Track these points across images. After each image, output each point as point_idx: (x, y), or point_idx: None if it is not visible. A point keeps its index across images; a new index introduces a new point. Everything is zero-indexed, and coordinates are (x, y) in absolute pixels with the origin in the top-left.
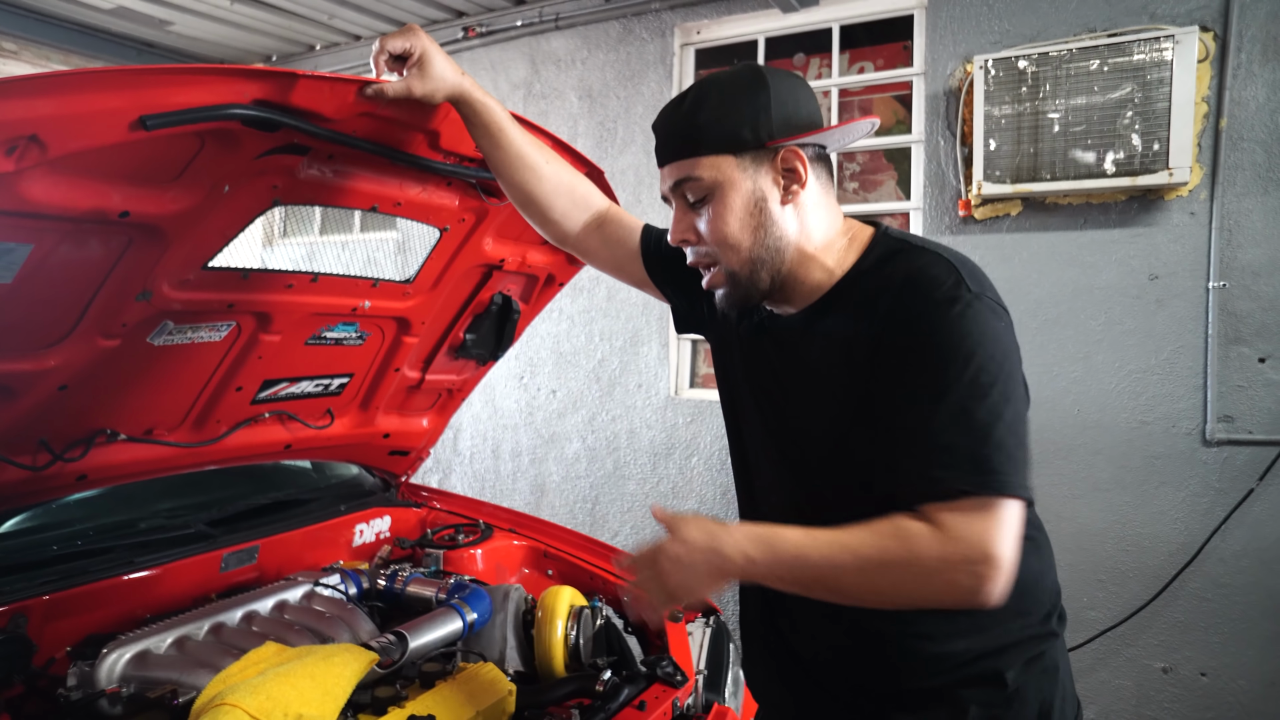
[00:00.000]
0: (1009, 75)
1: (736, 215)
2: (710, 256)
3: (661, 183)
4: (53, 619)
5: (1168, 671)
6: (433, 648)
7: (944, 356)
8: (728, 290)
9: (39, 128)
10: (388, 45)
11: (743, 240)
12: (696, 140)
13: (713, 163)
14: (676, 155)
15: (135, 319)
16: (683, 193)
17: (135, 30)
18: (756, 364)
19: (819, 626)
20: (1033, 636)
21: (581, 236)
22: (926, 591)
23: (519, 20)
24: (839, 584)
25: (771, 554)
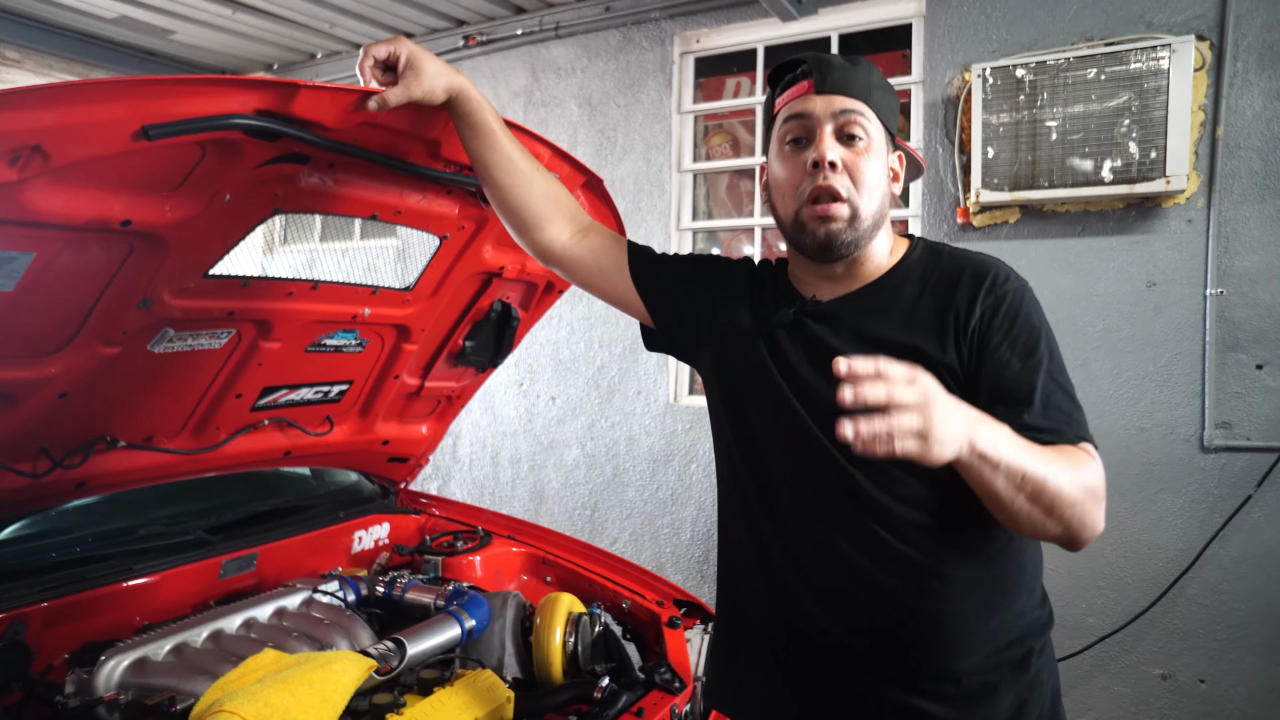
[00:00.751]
0: (1007, 84)
1: (881, 173)
2: (848, 190)
3: (805, 104)
4: (51, 626)
5: (1166, 678)
6: (431, 654)
7: (1035, 333)
8: (841, 228)
9: (42, 138)
10: (372, 52)
11: (879, 193)
12: (869, 95)
13: (877, 122)
14: (852, 93)
15: (136, 326)
16: (844, 124)
17: (137, 39)
18: (801, 350)
19: (846, 609)
20: (1044, 621)
21: (567, 245)
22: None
23: (519, 29)
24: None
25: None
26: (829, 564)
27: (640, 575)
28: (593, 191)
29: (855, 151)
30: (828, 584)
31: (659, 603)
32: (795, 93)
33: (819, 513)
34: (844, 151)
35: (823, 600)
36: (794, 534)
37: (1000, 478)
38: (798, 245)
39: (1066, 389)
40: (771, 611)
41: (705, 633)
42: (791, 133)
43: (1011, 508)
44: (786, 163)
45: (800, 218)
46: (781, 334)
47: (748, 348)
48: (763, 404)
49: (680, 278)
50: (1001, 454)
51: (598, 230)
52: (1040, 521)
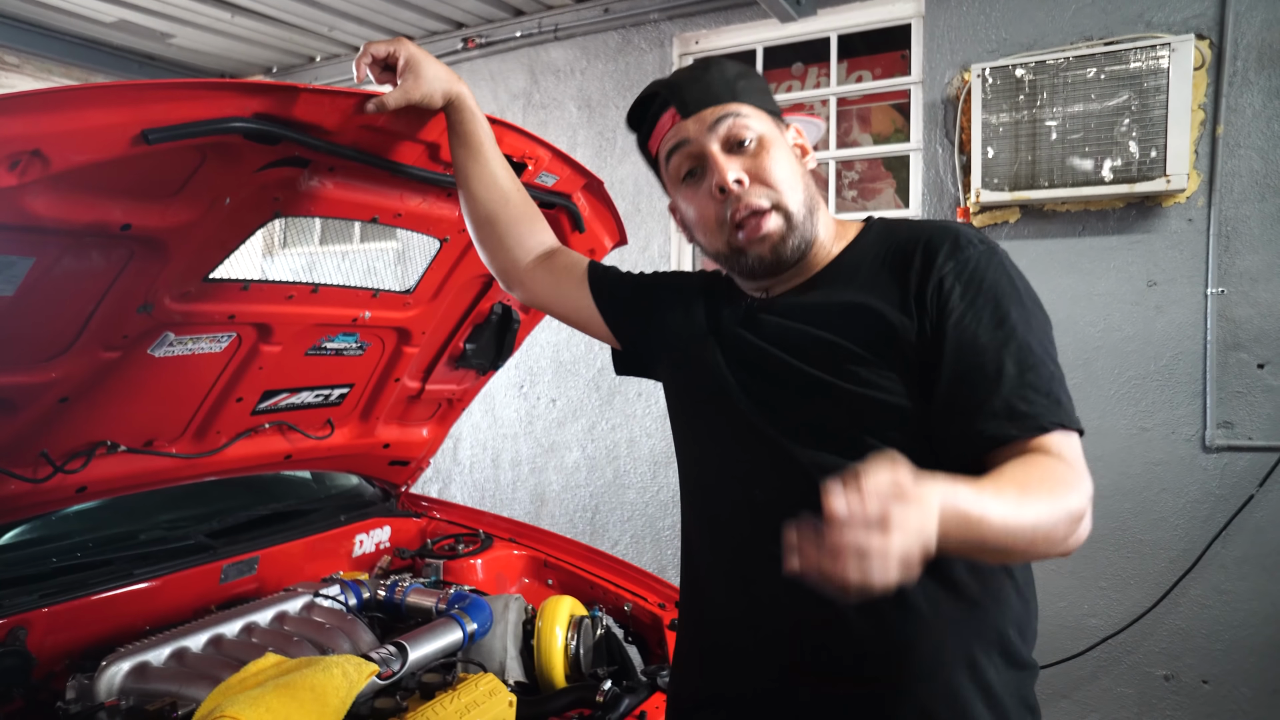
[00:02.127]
0: (1006, 83)
1: (789, 161)
2: (769, 198)
3: (679, 133)
4: (52, 632)
5: (1169, 679)
6: (433, 658)
7: (1004, 299)
8: (781, 238)
9: (42, 143)
10: (372, 50)
11: (798, 182)
12: (736, 91)
13: (756, 113)
14: (717, 99)
15: (136, 331)
16: (726, 133)
17: (136, 43)
18: (755, 346)
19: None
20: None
21: (531, 267)
22: (1072, 537)
23: (518, 31)
24: (1026, 541)
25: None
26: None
27: (642, 577)
28: (593, 194)
29: (751, 155)
30: (780, 604)
31: (661, 605)
32: (663, 126)
33: (770, 523)
34: (740, 161)
35: (774, 627)
36: (747, 553)
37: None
38: (744, 272)
39: (1046, 362)
40: (728, 640)
41: None
42: (682, 167)
43: (984, 561)
44: (693, 200)
45: (735, 246)
46: (733, 332)
47: (699, 354)
48: (714, 411)
49: (639, 288)
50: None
51: (563, 252)
52: (1018, 559)
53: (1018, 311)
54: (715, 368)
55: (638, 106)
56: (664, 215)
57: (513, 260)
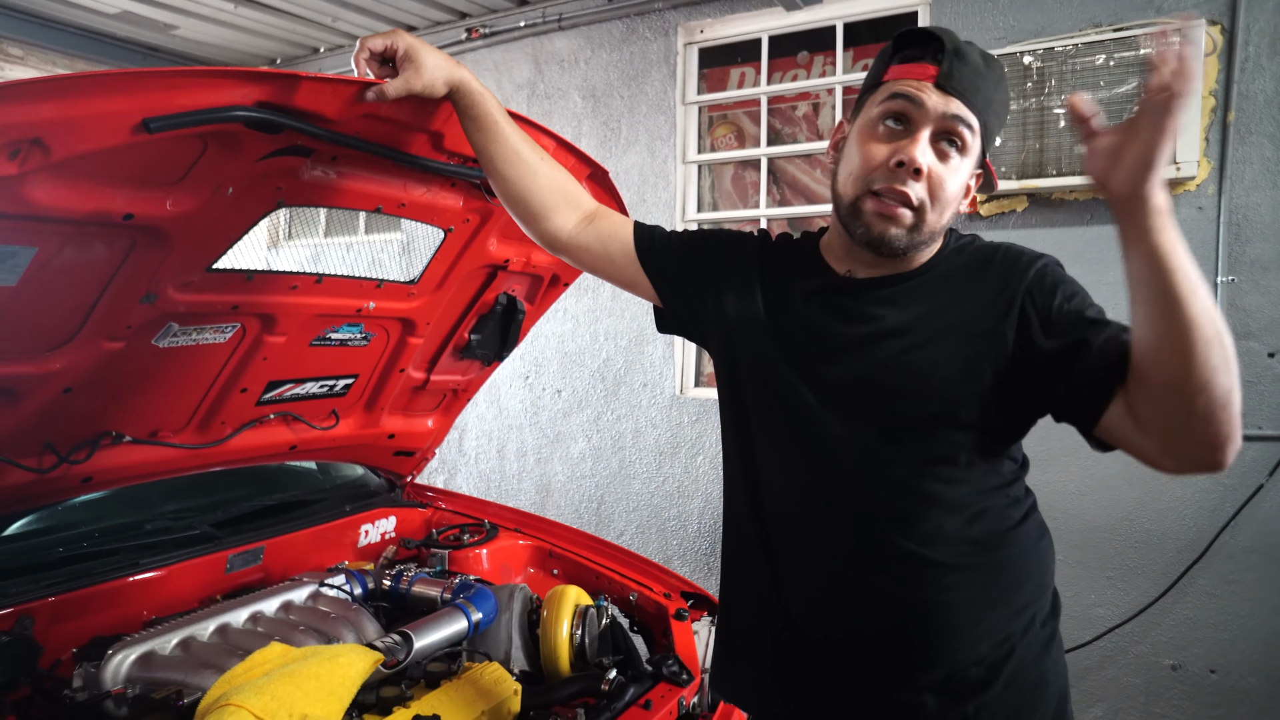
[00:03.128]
0: (1014, 71)
1: (960, 185)
2: (919, 198)
3: (919, 91)
4: (59, 621)
5: (1176, 669)
6: (438, 648)
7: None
8: (901, 233)
9: (42, 131)
10: (369, 44)
11: (951, 210)
12: (987, 108)
13: (977, 139)
14: (973, 103)
15: (140, 321)
16: (948, 129)
17: (139, 34)
18: (819, 326)
19: (839, 602)
20: (1048, 614)
21: (575, 234)
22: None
23: (522, 21)
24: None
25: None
26: (817, 556)
27: (647, 567)
28: (598, 184)
29: (944, 161)
30: (820, 577)
31: (666, 595)
32: (914, 72)
33: (808, 500)
34: (933, 159)
35: (816, 593)
36: (788, 526)
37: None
38: (848, 229)
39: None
40: (768, 606)
41: (712, 625)
42: (891, 110)
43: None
44: (871, 141)
45: (860, 205)
46: (801, 305)
47: (755, 325)
48: (764, 384)
49: (690, 259)
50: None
51: (604, 215)
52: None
53: (1087, 297)
54: (770, 345)
55: (916, 34)
56: (669, 205)
57: (554, 230)
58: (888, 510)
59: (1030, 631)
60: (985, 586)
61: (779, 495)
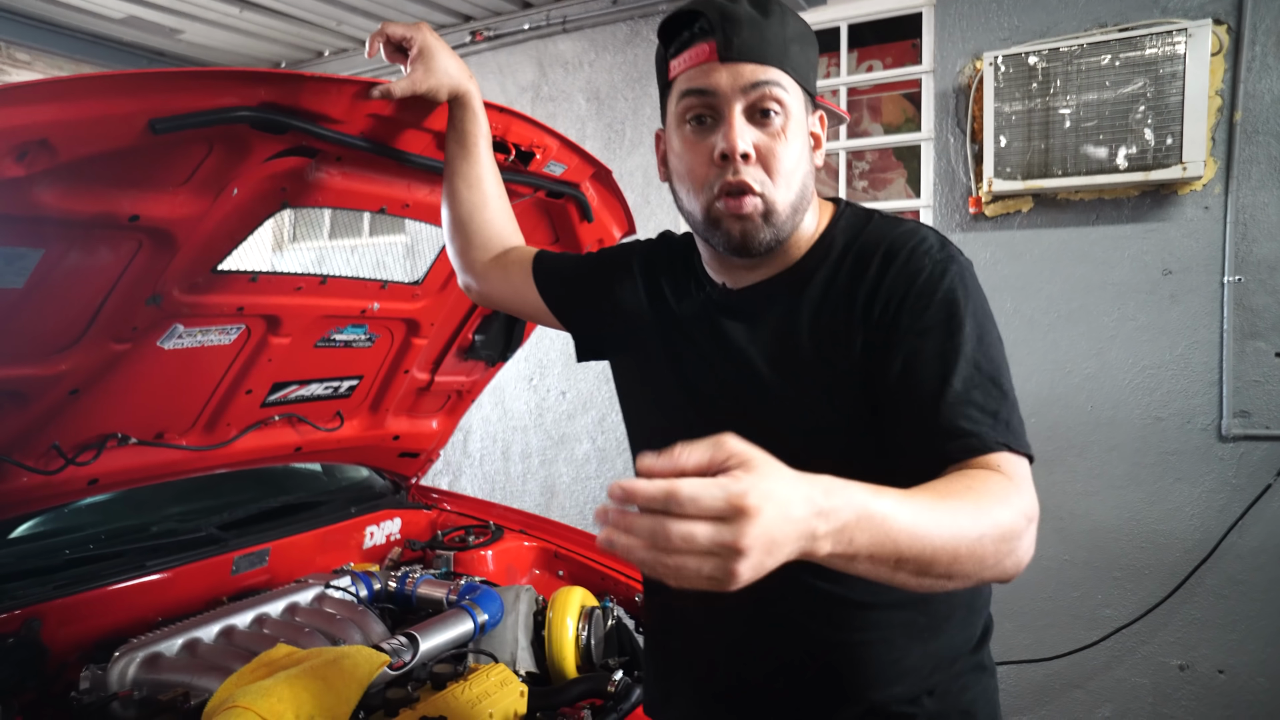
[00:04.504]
0: (1019, 71)
1: (799, 149)
2: (760, 183)
3: (707, 76)
4: (65, 623)
5: (1185, 669)
6: (444, 649)
7: (957, 315)
8: (756, 225)
9: (49, 132)
10: (389, 30)
11: (797, 180)
12: (784, 56)
13: (795, 90)
14: (765, 58)
15: (145, 323)
16: (757, 99)
17: (146, 39)
18: (707, 349)
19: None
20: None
21: (487, 265)
22: (1010, 560)
23: (526, 24)
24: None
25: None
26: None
27: None
28: (601, 183)
29: (770, 133)
30: (728, 619)
31: None
32: (694, 58)
33: None
34: (755, 134)
35: (730, 634)
36: None
37: (862, 566)
38: (710, 243)
39: (996, 381)
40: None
41: None
42: (692, 110)
43: (895, 584)
44: (689, 149)
45: (712, 214)
46: (688, 329)
47: (646, 344)
48: (661, 408)
49: (582, 278)
50: (858, 545)
51: (518, 249)
52: (935, 587)
53: (969, 328)
54: (660, 359)
55: (677, 18)
56: (673, 207)
57: (471, 259)
58: None
59: (957, 662)
60: (907, 622)
61: None
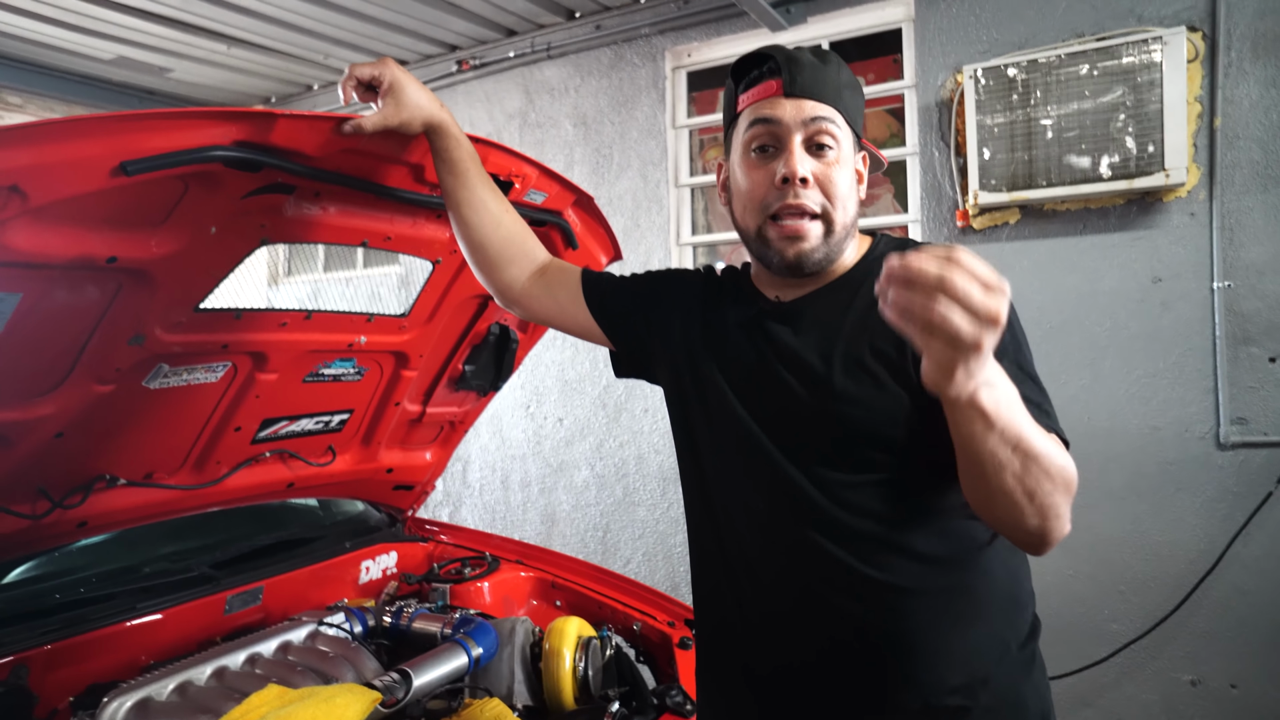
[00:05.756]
0: (999, 84)
1: (852, 183)
2: (818, 205)
3: (773, 108)
4: (55, 668)
5: (1196, 684)
6: (438, 684)
7: None
8: (813, 247)
9: (19, 178)
10: (355, 72)
11: (852, 205)
12: (839, 98)
13: (846, 130)
14: (823, 97)
15: (129, 363)
16: (815, 132)
17: (135, 79)
18: (756, 357)
19: (804, 633)
20: (1026, 634)
21: (527, 286)
22: (1063, 507)
23: (511, 51)
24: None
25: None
26: (781, 586)
27: (651, 596)
28: (584, 210)
29: (826, 163)
30: (783, 607)
31: (670, 624)
32: (761, 93)
33: (768, 531)
34: (814, 164)
35: (780, 624)
36: (747, 556)
37: (993, 440)
38: (763, 260)
39: (1035, 379)
40: (740, 641)
41: None
42: (758, 139)
43: (995, 480)
44: (752, 172)
45: (765, 234)
46: (739, 337)
47: (699, 359)
48: (713, 417)
49: (635, 298)
50: (1001, 413)
51: (556, 266)
52: (1019, 506)
53: (1010, 333)
54: (716, 376)
55: (748, 60)
56: (664, 229)
57: (508, 280)
58: (843, 537)
59: (1007, 656)
60: (951, 609)
61: (739, 531)
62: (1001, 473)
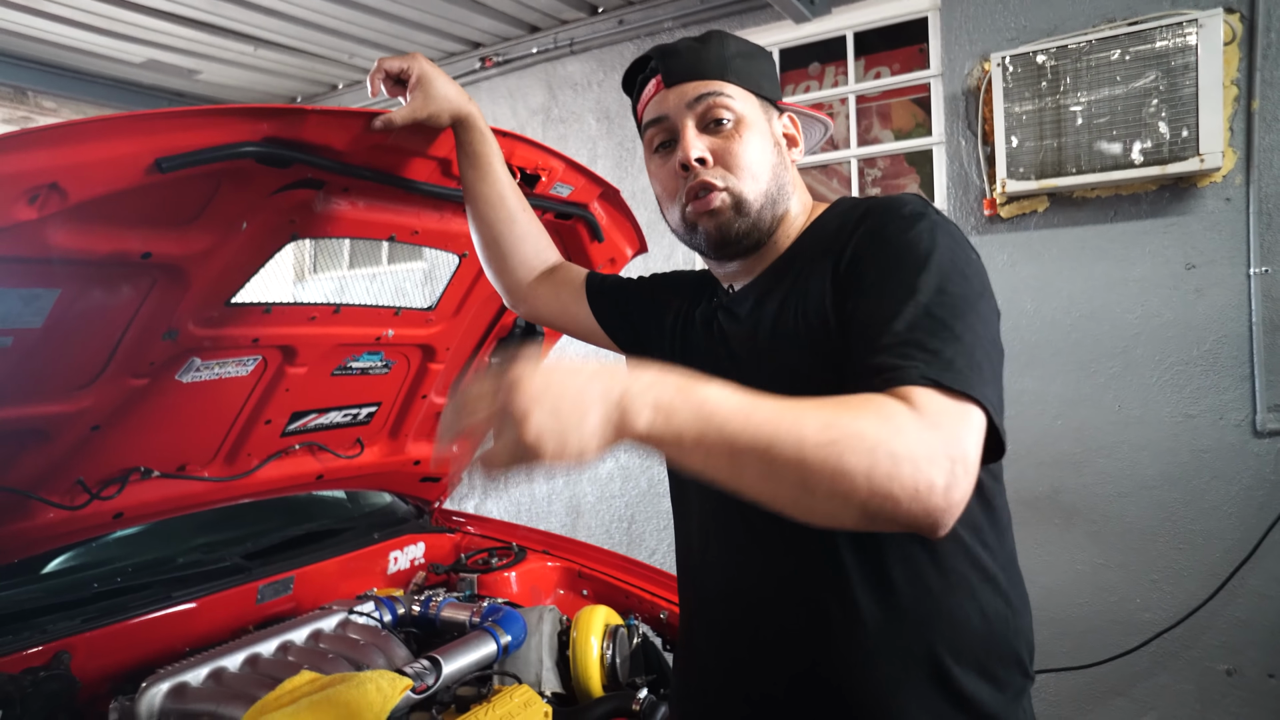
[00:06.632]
0: (1028, 71)
1: (761, 149)
2: (724, 180)
3: (659, 105)
4: (95, 655)
5: (1232, 674)
6: (467, 672)
7: (917, 264)
8: (729, 218)
9: (59, 176)
10: (385, 65)
11: (764, 172)
12: (725, 69)
13: (743, 95)
14: (703, 75)
15: (163, 358)
16: (703, 111)
17: (165, 81)
18: (711, 349)
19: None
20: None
21: (534, 285)
22: (893, 483)
23: (534, 48)
24: (792, 452)
25: (694, 402)
26: (733, 599)
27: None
28: (610, 203)
29: (724, 136)
30: (731, 616)
31: None
32: (649, 94)
33: (717, 538)
34: (711, 140)
35: (730, 634)
36: (704, 570)
37: (695, 456)
38: (697, 249)
39: (949, 326)
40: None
41: None
42: (656, 138)
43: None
44: (659, 172)
45: (687, 220)
46: (701, 332)
47: (677, 357)
48: None
49: (634, 300)
50: (681, 423)
51: (564, 268)
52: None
53: (930, 276)
54: None
55: (631, 71)
56: None
57: (517, 279)
58: (807, 549)
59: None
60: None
61: (691, 533)
62: (757, 488)
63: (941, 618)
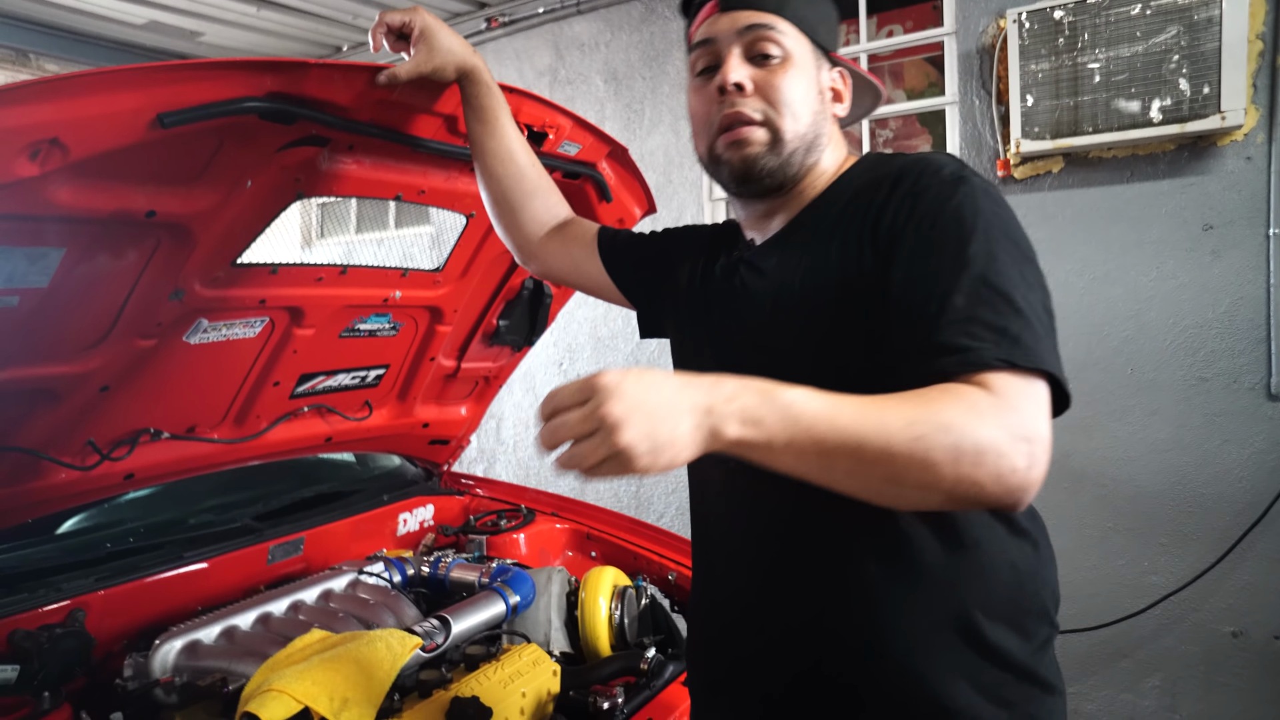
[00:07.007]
0: (1044, 28)
1: (804, 87)
2: (763, 112)
3: (710, 27)
4: (109, 614)
5: (1238, 636)
6: (476, 631)
7: (965, 232)
8: (759, 151)
9: (60, 130)
10: (386, 19)
11: (805, 113)
12: (784, 4)
13: (796, 35)
14: (760, 5)
15: (170, 318)
16: (752, 40)
17: (168, 43)
18: (733, 302)
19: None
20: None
21: (544, 240)
22: (978, 470)
23: (541, 7)
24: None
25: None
26: (744, 567)
27: (685, 546)
28: (618, 162)
29: (769, 70)
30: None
31: None
32: (703, 16)
33: (737, 496)
34: (754, 71)
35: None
36: (720, 534)
37: (786, 459)
38: (720, 180)
39: (1009, 299)
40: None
41: None
42: (700, 61)
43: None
44: (696, 95)
45: (715, 150)
46: (720, 285)
47: (694, 311)
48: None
49: (648, 253)
50: (770, 429)
51: (575, 222)
52: (890, 495)
53: (980, 244)
54: (698, 326)
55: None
56: (696, 185)
57: (527, 235)
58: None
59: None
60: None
61: (709, 497)
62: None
63: (974, 573)
